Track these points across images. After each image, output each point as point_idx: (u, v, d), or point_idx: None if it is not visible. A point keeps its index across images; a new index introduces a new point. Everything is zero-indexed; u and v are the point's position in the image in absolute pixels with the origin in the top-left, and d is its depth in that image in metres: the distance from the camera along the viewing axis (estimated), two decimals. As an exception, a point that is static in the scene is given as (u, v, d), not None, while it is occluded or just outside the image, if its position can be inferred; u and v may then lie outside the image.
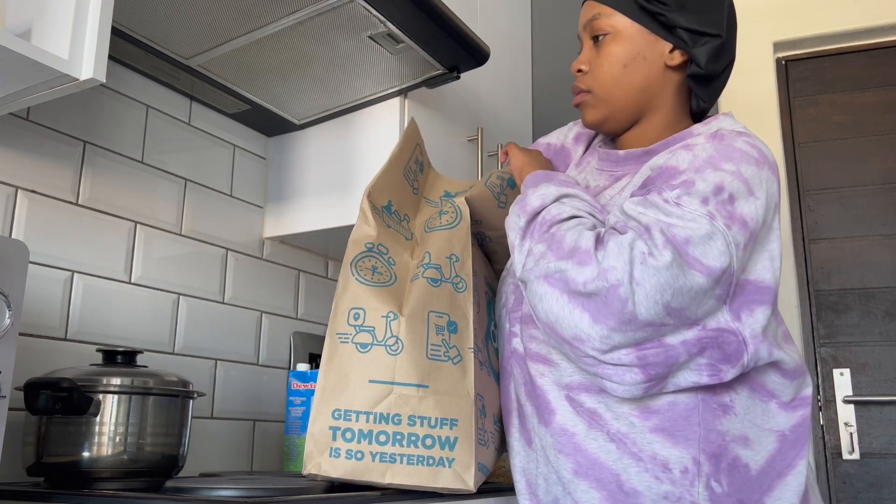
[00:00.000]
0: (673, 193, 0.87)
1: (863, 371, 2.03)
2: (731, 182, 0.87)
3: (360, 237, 1.02)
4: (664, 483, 0.87)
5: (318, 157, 1.53)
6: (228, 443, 1.43)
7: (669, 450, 0.87)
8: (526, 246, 0.93)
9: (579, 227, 0.89)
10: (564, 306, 0.84)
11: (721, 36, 0.98)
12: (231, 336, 1.46)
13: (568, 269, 0.84)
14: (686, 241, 0.83)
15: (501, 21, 1.88)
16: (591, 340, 0.83)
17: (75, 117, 1.22)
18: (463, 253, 1.02)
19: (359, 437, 0.90)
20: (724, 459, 0.87)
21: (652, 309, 0.81)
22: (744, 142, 0.92)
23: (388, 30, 1.19)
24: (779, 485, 0.89)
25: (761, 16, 2.29)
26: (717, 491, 0.86)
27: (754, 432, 0.90)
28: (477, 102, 1.70)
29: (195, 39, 1.20)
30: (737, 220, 0.86)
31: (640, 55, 1.00)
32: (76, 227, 1.20)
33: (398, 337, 0.93)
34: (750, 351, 0.86)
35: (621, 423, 0.89)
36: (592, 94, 1.04)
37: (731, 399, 0.89)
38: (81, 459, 0.94)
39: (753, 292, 0.88)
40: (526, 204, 0.97)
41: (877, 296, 2.06)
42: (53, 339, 1.15)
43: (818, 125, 2.22)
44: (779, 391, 0.93)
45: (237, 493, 0.80)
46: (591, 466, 0.90)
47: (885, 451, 1.97)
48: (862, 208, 2.13)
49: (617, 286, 0.81)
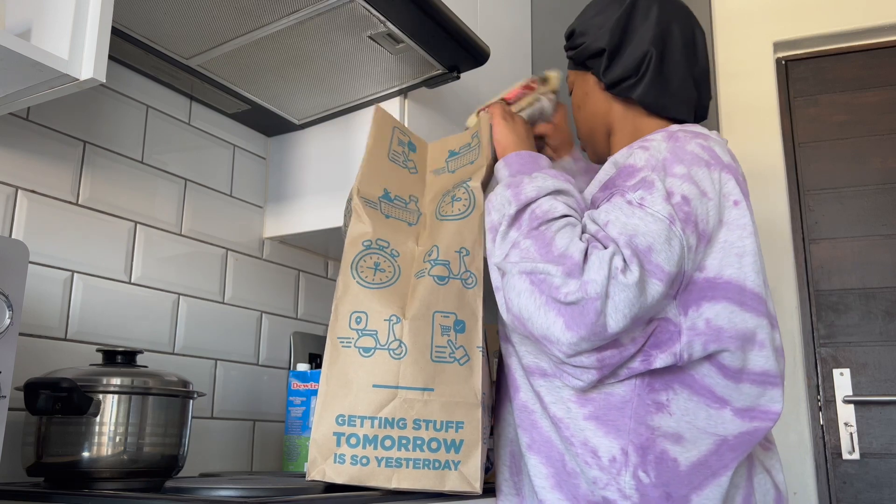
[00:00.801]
0: (636, 195, 0.90)
1: (863, 371, 2.03)
2: (681, 185, 0.91)
3: (356, 236, 1.00)
4: (593, 469, 0.91)
5: (318, 157, 1.53)
6: (228, 443, 1.43)
7: (600, 438, 0.92)
8: (512, 236, 0.93)
9: (570, 232, 0.90)
10: (541, 307, 0.86)
11: (605, 49, 1.08)
12: (231, 336, 1.46)
13: (554, 275, 0.85)
14: (649, 249, 0.86)
15: (501, 21, 1.88)
16: (560, 345, 0.86)
17: (75, 117, 1.22)
18: (474, 246, 1.00)
19: (364, 442, 0.89)
20: (651, 452, 0.90)
21: (620, 322, 0.84)
22: (696, 144, 0.96)
23: (388, 30, 1.19)
24: (711, 483, 0.91)
25: (761, 16, 2.29)
26: (643, 481, 0.90)
27: (691, 432, 0.91)
28: (477, 102, 1.70)
29: (195, 39, 1.20)
30: (691, 221, 0.89)
31: (583, 92, 1.16)
32: (76, 227, 1.20)
33: (401, 340, 0.92)
34: (683, 341, 0.89)
35: (558, 408, 0.95)
36: (580, 139, 1.22)
37: (668, 398, 0.92)
38: (81, 459, 0.94)
39: (705, 288, 0.90)
40: (520, 192, 0.96)
41: (877, 296, 2.06)
42: (53, 339, 1.15)
43: (818, 125, 2.22)
44: (729, 396, 0.92)
45: (237, 493, 0.80)
46: (543, 443, 0.97)
47: (885, 451, 1.97)
48: (862, 208, 2.13)
49: (595, 299, 0.83)
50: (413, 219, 1.06)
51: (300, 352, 1.60)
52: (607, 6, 1.12)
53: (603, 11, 1.12)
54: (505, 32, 1.90)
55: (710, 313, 0.90)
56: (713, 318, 0.90)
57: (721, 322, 0.90)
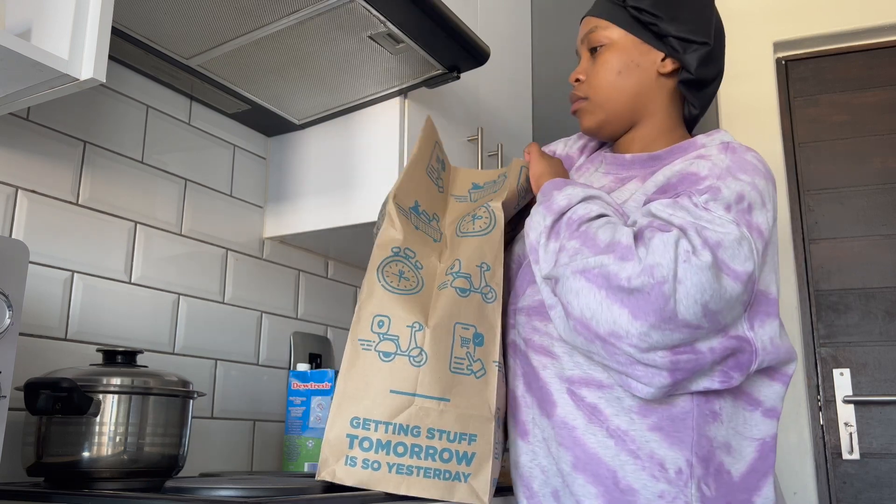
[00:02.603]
0: (702, 198, 0.89)
1: (863, 371, 2.03)
2: (749, 192, 0.91)
3: (386, 241, 0.99)
4: (660, 482, 0.88)
5: (318, 157, 1.53)
6: (228, 443, 1.43)
7: (666, 450, 0.89)
8: (554, 244, 0.92)
9: (611, 224, 0.89)
10: (602, 301, 0.84)
11: (709, 44, 1.03)
12: (231, 336, 1.46)
13: (609, 264, 0.84)
14: (718, 244, 0.85)
15: (501, 21, 1.88)
16: (629, 337, 0.83)
17: (75, 117, 1.22)
18: (494, 262, 1.00)
19: (377, 446, 0.89)
20: (711, 464, 0.90)
21: (691, 308, 0.82)
22: (752, 156, 0.97)
23: (388, 30, 1.19)
24: (766, 483, 0.92)
25: (761, 16, 2.29)
26: (706, 494, 0.89)
27: (736, 440, 0.92)
28: (477, 102, 1.70)
29: (195, 39, 1.20)
30: (755, 228, 0.89)
31: (633, 63, 1.05)
32: (76, 227, 1.20)
33: (422, 348, 0.92)
34: (757, 361, 0.89)
35: (621, 420, 0.91)
36: (589, 101, 1.08)
37: (720, 406, 0.92)
38: (81, 459, 0.94)
39: (764, 303, 0.90)
40: (552, 203, 0.96)
41: (877, 296, 2.06)
42: (53, 339, 1.15)
43: (818, 125, 2.22)
44: (764, 397, 0.94)
45: (237, 493, 0.80)
46: (589, 461, 0.92)
47: (885, 451, 1.97)
48: (862, 208, 2.13)
49: (662, 283, 0.81)
50: (437, 236, 1.06)
51: (300, 352, 1.60)
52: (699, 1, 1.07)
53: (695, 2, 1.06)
54: (505, 32, 1.90)
55: (772, 331, 0.90)
56: (774, 336, 0.90)
57: (777, 340, 0.91)
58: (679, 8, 1.04)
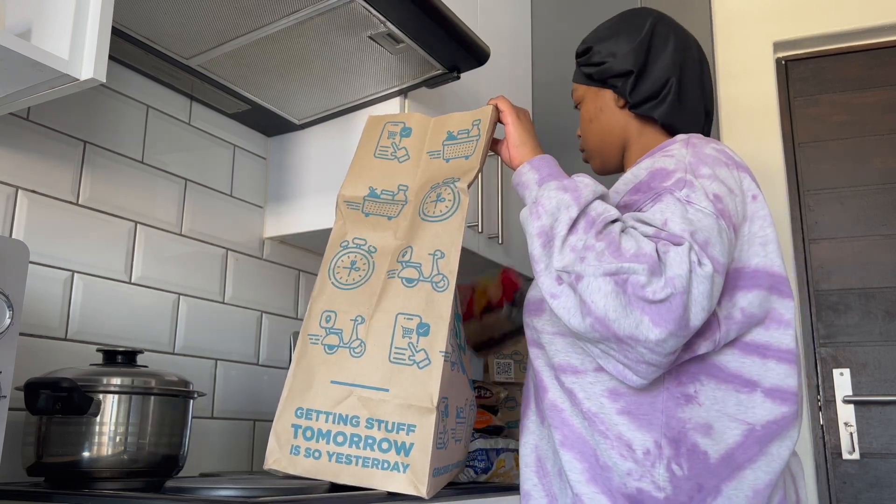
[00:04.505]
0: (682, 193, 0.95)
1: (863, 371, 2.03)
2: (710, 184, 0.97)
3: (335, 238, 1.05)
4: (628, 461, 0.94)
5: (318, 157, 1.53)
6: (228, 443, 1.43)
7: (634, 432, 0.95)
8: (576, 240, 0.92)
9: (631, 233, 0.92)
10: (625, 307, 0.87)
11: (633, 71, 1.15)
12: (231, 336, 1.46)
13: (640, 273, 0.87)
14: (706, 242, 0.90)
15: (501, 21, 1.88)
16: (646, 342, 0.87)
17: (75, 117, 1.22)
18: (450, 248, 1.00)
19: (318, 436, 0.92)
20: (683, 445, 0.94)
21: (699, 315, 0.87)
22: (711, 147, 1.04)
23: (388, 30, 1.19)
24: (738, 475, 0.94)
25: (761, 16, 2.29)
26: (677, 473, 0.93)
27: (720, 421, 0.95)
28: (477, 102, 1.70)
29: (195, 39, 1.20)
30: (726, 216, 0.95)
31: (597, 108, 1.21)
32: (76, 227, 1.20)
33: (362, 340, 0.95)
34: (722, 330, 0.95)
35: (592, 403, 0.98)
36: (586, 151, 1.25)
37: (696, 390, 0.96)
38: (81, 459, 0.94)
39: (736, 279, 0.98)
40: (580, 195, 0.95)
41: (877, 296, 2.06)
42: (53, 339, 1.15)
43: (818, 125, 2.22)
44: (759, 376, 0.97)
45: (237, 493, 0.80)
46: (576, 439, 0.99)
47: (885, 451, 1.97)
48: (862, 208, 2.13)
49: (682, 293, 0.86)
50: (395, 211, 1.07)
51: (300, 352, 1.60)
52: (625, 30, 1.19)
53: (621, 34, 1.18)
54: (505, 32, 1.90)
55: (744, 302, 0.97)
56: (747, 307, 0.97)
57: (754, 309, 0.97)
58: (609, 51, 1.18)
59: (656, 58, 1.17)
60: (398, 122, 1.17)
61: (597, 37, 1.22)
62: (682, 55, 1.18)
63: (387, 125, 1.17)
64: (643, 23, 1.19)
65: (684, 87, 1.17)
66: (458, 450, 1.04)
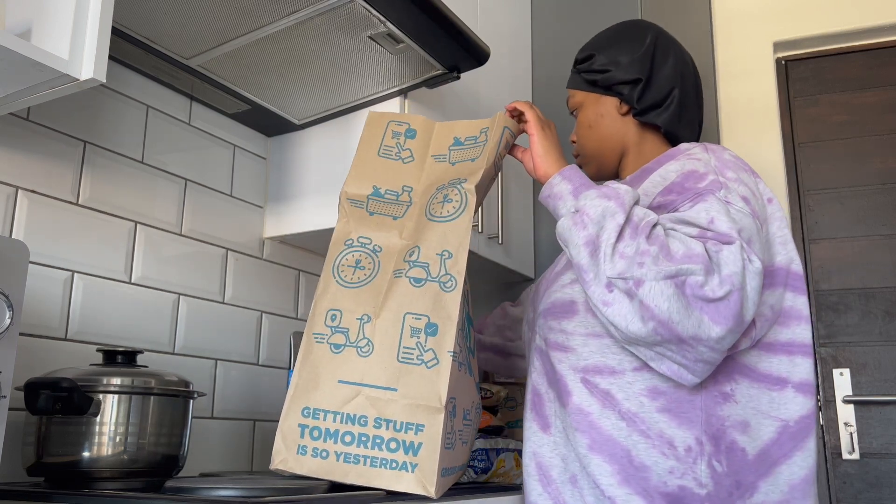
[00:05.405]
0: (721, 193, 0.98)
1: (863, 371, 2.03)
2: (739, 187, 1.00)
3: (339, 236, 1.04)
4: (670, 459, 0.95)
5: (318, 157, 1.53)
6: (228, 443, 1.43)
7: (675, 430, 0.96)
8: (627, 246, 0.92)
9: (674, 234, 0.94)
10: (686, 307, 0.89)
11: (641, 79, 1.18)
12: (231, 336, 1.46)
13: (697, 274, 0.88)
14: (750, 241, 0.94)
15: (501, 21, 1.88)
16: (708, 341, 0.89)
17: (75, 117, 1.22)
18: (458, 249, 1.00)
19: (325, 435, 0.92)
20: (722, 442, 0.96)
21: (751, 310, 0.90)
22: (729, 154, 1.08)
23: (388, 30, 1.19)
24: (773, 472, 0.97)
25: (761, 16, 2.29)
26: (717, 470, 0.95)
27: (756, 418, 0.98)
28: (477, 102, 1.70)
29: (195, 39, 1.20)
30: (756, 216, 0.99)
31: (597, 115, 1.23)
32: (76, 227, 1.20)
33: (370, 339, 0.95)
34: (757, 327, 0.98)
35: (632, 403, 0.99)
36: (582, 156, 1.27)
37: (732, 388, 0.99)
38: (81, 459, 0.94)
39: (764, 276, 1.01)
40: (623, 201, 0.96)
41: (877, 296, 2.06)
42: (53, 339, 1.15)
43: (818, 125, 2.22)
44: (788, 373, 1.00)
45: (237, 493, 0.80)
46: (605, 442, 0.99)
47: (885, 451, 1.97)
48: (862, 208, 2.13)
49: (739, 290, 0.88)
50: (400, 211, 1.07)
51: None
52: (627, 40, 1.22)
53: (623, 43, 1.22)
54: (505, 32, 1.90)
55: (772, 300, 1.01)
56: (775, 304, 1.01)
57: (779, 306, 1.02)
58: (612, 59, 1.21)
59: (660, 68, 1.20)
60: (402, 123, 1.16)
61: (599, 45, 1.24)
62: (681, 68, 1.22)
63: (390, 124, 1.16)
64: (644, 35, 1.22)
65: (684, 98, 1.21)
66: (465, 452, 1.04)
